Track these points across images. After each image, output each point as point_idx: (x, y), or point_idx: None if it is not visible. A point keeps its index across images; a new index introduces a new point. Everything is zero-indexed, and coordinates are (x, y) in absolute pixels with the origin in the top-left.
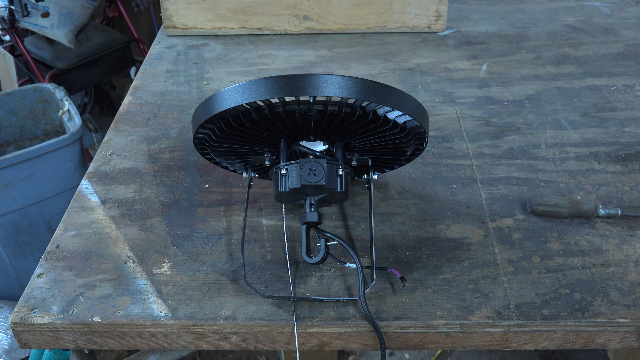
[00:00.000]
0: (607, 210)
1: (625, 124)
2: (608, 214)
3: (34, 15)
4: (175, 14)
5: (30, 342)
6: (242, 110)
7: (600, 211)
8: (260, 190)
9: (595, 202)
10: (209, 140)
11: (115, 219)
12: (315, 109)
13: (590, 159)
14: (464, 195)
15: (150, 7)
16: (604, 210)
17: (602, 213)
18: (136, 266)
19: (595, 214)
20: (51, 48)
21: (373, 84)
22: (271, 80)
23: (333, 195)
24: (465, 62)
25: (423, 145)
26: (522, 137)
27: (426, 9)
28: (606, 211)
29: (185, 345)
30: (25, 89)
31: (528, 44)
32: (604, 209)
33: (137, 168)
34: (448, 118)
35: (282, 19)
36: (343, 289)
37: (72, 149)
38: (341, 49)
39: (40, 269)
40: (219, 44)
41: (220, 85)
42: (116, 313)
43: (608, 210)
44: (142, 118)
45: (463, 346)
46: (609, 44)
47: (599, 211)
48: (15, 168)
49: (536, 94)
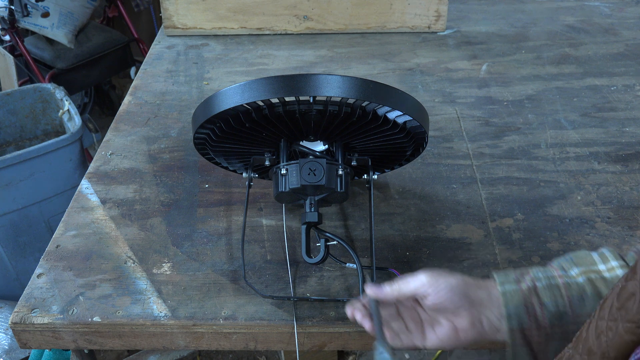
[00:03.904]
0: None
1: (625, 124)
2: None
3: (34, 15)
4: (175, 14)
5: (30, 342)
6: (242, 110)
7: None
8: (260, 190)
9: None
10: (209, 140)
11: (115, 219)
12: (315, 109)
13: (590, 159)
14: (464, 195)
15: (150, 7)
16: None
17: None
18: (136, 266)
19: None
20: (51, 48)
21: (373, 84)
22: (271, 80)
23: (333, 195)
24: (465, 62)
25: (423, 145)
26: (522, 137)
27: (426, 9)
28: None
29: (185, 345)
30: (25, 89)
31: (528, 44)
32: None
33: (137, 168)
34: (448, 118)
35: (282, 19)
36: (343, 289)
37: (72, 149)
38: (341, 49)
39: (40, 269)
40: (219, 44)
41: (220, 85)
42: (116, 313)
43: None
44: (142, 118)
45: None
46: (609, 44)
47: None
48: (15, 168)
49: (536, 94)
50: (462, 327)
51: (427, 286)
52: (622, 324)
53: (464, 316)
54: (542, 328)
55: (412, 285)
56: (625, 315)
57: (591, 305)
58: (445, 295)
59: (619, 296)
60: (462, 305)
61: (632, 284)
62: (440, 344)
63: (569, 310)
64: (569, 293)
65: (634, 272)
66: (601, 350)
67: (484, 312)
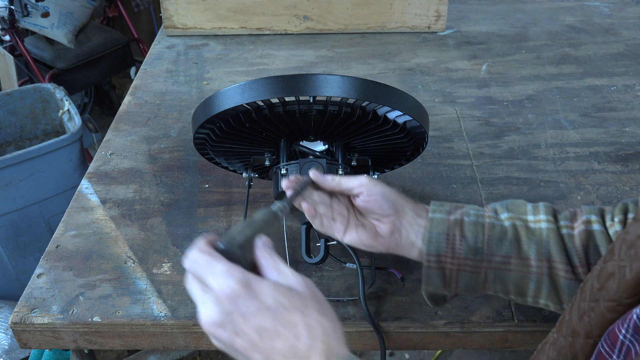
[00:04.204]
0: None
1: (625, 124)
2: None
3: (34, 15)
4: (175, 14)
5: (30, 342)
6: (242, 110)
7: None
8: (260, 190)
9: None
10: (209, 140)
11: (115, 219)
12: (315, 109)
13: (590, 159)
14: (464, 195)
15: (150, 7)
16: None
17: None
18: (136, 266)
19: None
20: (51, 48)
21: (373, 84)
22: (271, 80)
23: None
24: (465, 62)
25: (423, 145)
26: (522, 137)
27: (426, 9)
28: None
29: (185, 345)
30: (25, 89)
31: (528, 44)
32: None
33: (137, 168)
34: (448, 118)
35: (282, 19)
36: (343, 289)
37: (72, 149)
38: (341, 49)
39: (40, 269)
40: (219, 44)
41: (220, 85)
42: (116, 313)
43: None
44: (142, 118)
45: (463, 346)
46: (609, 44)
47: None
48: (15, 168)
49: (536, 94)
50: (382, 233)
51: (364, 187)
52: (603, 304)
53: (386, 223)
54: (455, 258)
55: (351, 183)
56: (605, 294)
57: (507, 248)
58: (375, 198)
59: (598, 277)
60: (388, 214)
61: (610, 264)
62: (356, 243)
63: (485, 247)
64: (490, 233)
65: (612, 253)
66: (585, 330)
67: (405, 225)
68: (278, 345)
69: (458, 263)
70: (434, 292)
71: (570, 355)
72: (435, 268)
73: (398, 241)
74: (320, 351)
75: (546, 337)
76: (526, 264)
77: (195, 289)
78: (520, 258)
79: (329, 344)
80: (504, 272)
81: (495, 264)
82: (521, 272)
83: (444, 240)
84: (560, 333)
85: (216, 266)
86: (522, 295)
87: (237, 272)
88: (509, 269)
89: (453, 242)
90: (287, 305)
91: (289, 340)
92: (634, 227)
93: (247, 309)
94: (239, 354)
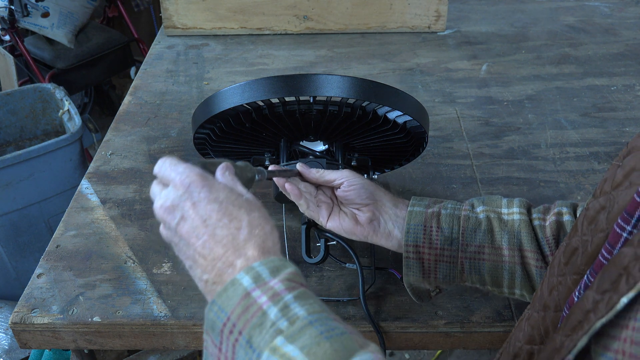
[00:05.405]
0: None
1: (625, 124)
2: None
3: (34, 15)
4: (175, 14)
5: (30, 342)
6: (242, 110)
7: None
8: (260, 190)
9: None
10: (209, 140)
11: (115, 219)
12: (315, 109)
13: (590, 159)
14: (464, 195)
15: (150, 7)
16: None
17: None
18: (136, 266)
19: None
20: (51, 48)
21: (373, 84)
22: (271, 80)
23: None
24: (465, 62)
25: (423, 145)
26: (522, 137)
27: (426, 9)
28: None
29: (185, 345)
30: (25, 89)
31: (528, 44)
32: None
33: (137, 168)
34: (448, 118)
35: (282, 19)
36: (343, 289)
37: (72, 149)
38: (341, 49)
39: (40, 269)
40: (219, 44)
41: (220, 85)
42: (116, 313)
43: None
44: (142, 118)
45: (463, 346)
46: (609, 44)
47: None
48: (15, 168)
49: (536, 94)
50: (361, 221)
51: (344, 179)
52: (569, 277)
53: (366, 211)
54: (433, 248)
55: (333, 175)
56: (571, 268)
57: (481, 237)
58: (355, 189)
59: (564, 253)
60: (367, 203)
61: (575, 239)
62: (338, 229)
63: (460, 237)
64: (465, 224)
65: (575, 229)
66: (554, 303)
67: (383, 215)
68: (219, 233)
69: (435, 253)
70: (416, 285)
71: (542, 328)
72: (414, 259)
73: (376, 229)
74: (256, 245)
75: (522, 314)
76: (499, 253)
77: (157, 188)
78: (494, 247)
79: (265, 242)
80: (479, 262)
81: (469, 253)
82: (494, 262)
83: (422, 231)
84: (533, 308)
85: (180, 165)
86: (498, 286)
87: (197, 169)
88: (483, 259)
89: (430, 233)
90: (235, 202)
91: (230, 230)
92: (593, 203)
93: (198, 197)
94: (181, 243)
